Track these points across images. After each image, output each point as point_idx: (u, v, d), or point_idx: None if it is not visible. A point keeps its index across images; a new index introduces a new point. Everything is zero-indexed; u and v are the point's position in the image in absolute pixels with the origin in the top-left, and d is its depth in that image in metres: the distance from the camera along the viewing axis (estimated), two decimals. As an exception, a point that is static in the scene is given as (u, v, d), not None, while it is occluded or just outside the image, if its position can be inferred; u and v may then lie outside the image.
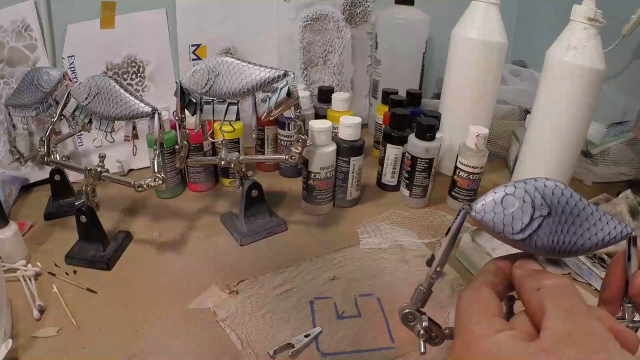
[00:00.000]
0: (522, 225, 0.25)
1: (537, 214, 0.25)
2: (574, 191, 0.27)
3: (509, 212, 0.25)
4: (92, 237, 0.56)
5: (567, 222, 0.26)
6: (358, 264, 0.58)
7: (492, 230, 0.26)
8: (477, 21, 0.71)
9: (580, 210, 0.26)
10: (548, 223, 0.25)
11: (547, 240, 0.25)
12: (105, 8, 0.74)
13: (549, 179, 0.26)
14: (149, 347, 0.45)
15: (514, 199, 0.25)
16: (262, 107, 0.54)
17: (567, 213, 0.26)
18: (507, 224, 0.25)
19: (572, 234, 0.26)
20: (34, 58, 0.70)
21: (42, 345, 0.44)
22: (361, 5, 0.91)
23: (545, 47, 0.65)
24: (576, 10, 0.60)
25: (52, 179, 0.65)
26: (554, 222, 0.25)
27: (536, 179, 0.26)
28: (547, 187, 0.26)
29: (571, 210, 0.26)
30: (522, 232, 0.25)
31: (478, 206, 0.25)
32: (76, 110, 0.55)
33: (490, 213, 0.25)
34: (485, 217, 0.25)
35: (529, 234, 0.25)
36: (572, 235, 0.26)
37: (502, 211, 0.25)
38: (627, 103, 0.88)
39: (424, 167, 0.68)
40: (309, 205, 0.68)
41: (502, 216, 0.25)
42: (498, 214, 0.25)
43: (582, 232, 0.26)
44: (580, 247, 0.26)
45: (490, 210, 0.25)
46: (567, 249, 0.26)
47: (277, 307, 0.50)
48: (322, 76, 0.92)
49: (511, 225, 0.25)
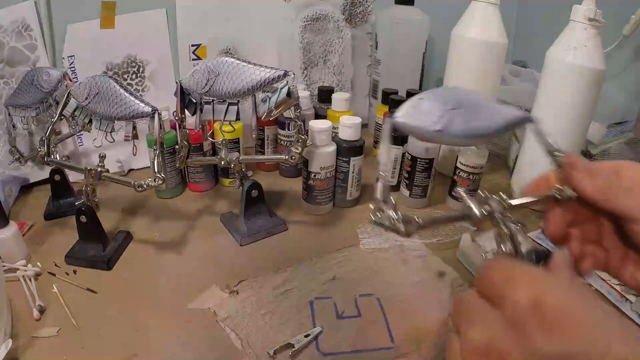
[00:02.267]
0: (437, 118, 0.30)
1: (447, 107, 0.30)
2: (476, 91, 0.32)
3: (424, 111, 0.30)
4: (92, 237, 0.56)
5: (475, 112, 0.30)
6: (358, 264, 0.58)
7: (414, 130, 0.30)
8: (477, 21, 0.71)
9: (483, 102, 0.31)
10: (460, 114, 0.30)
11: (462, 128, 0.30)
12: (105, 8, 0.74)
13: (452, 87, 0.32)
14: (149, 347, 0.45)
15: (425, 101, 0.30)
16: (262, 107, 0.54)
17: (473, 105, 0.31)
18: (424, 121, 0.30)
19: (482, 119, 0.30)
20: (34, 58, 0.70)
21: (42, 345, 0.44)
22: (361, 5, 0.91)
23: (545, 47, 0.65)
24: (576, 10, 0.60)
25: (52, 179, 0.65)
26: (464, 113, 0.30)
27: (443, 88, 0.32)
28: (451, 89, 0.31)
29: (476, 103, 0.31)
30: (438, 123, 0.29)
31: (398, 114, 0.30)
32: (76, 110, 0.55)
33: (408, 116, 0.30)
34: (406, 120, 0.30)
35: (445, 125, 0.29)
36: (482, 120, 0.30)
37: (419, 112, 0.30)
38: (627, 103, 0.88)
39: (424, 167, 0.68)
40: (309, 205, 0.68)
41: (419, 116, 0.30)
42: (415, 115, 0.30)
43: (491, 116, 0.31)
44: (492, 129, 0.30)
45: (408, 114, 0.30)
46: (481, 132, 0.30)
47: (277, 307, 0.50)
48: (322, 76, 0.92)
49: (429, 121, 0.30)
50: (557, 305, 0.21)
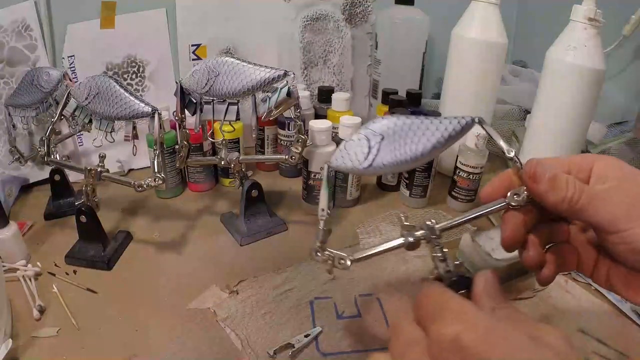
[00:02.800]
0: (364, 154, 0.32)
1: (372, 142, 0.32)
2: (401, 115, 0.32)
3: (352, 153, 0.33)
4: (92, 237, 0.56)
5: (402, 137, 0.31)
6: (358, 264, 0.58)
7: (348, 169, 0.33)
8: (477, 21, 0.71)
9: (419, 124, 0.32)
10: (386, 144, 0.31)
11: (390, 157, 0.31)
12: (105, 8, 0.74)
13: (377, 119, 0.33)
14: (149, 347, 0.45)
15: (352, 142, 0.33)
16: (262, 107, 0.54)
17: (399, 131, 0.31)
18: (354, 160, 0.32)
19: (410, 142, 0.31)
20: (34, 58, 0.70)
21: (42, 345, 0.44)
22: (361, 5, 0.90)
23: (545, 47, 0.65)
24: (576, 10, 0.60)
25: (52, 179, 0.65)
26: (391, 142, 0.31)
27: (367, 125, 0.33)
28: (375, 123, 0.33)
29: (402, 128, 0.32)
30: (366, 159, 0.32)
31: (332, 159, 0.33)
32: (76, 110, 0.55)
33: (340, 159, 0.33)
34: (338, 163, 0.33)
35: (373, 159, 0.31)
36: (408, 145, 0.31)
37: (348, 154, 0.33)
38: (627, 103, 0.88)
39: (424, 167, 0.68)
40: (309, 205, 0.68)
41: (348, 156, 0.33)
42: (345, 156, 0.33)
43: (418, 138, 0.31)
44: (419, 151, 0.31)
45: (340, 157, 0.33)
46: (410, 156, 0.31)
47: (277, 307, 0.50)
48: (322, 76, 0.92)
49: (357, 159, 0.32)
50: (475, 343, 0.21)
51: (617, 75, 0.89)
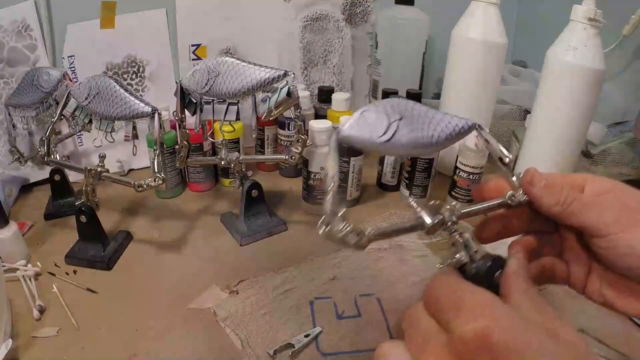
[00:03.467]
0: (384, 129, 0.31)
1: (392, 119, 0.31)
2: (418, 103, 0.32)
3: (370, 123, 0.31)
4: (92, 237, 0.56)
5: (419, 121, 0.32)
6: (358, 264, 0.58)
7: (362, 141, 0.31)
8: (477, 21, 0.70)
9: (427, 112, 0.32)
10: (405, 124, 0.31)
11: (408, 137, 0.31)
12: (105, 8, 0.74)
13: (394, 98, 0.33)
14: (149, 347, 0.45)
15: (371, 113, 0.31)
16: (262, 107, 0.54)
17: (417, 115, 0.32)
18: (372, 132, 0.31)
19: (427, 128, 0.32)
20: (34, 58, 0.70)
21: (42, 345, 0.44)
22: (361, 5, 0.90)
23: (545, 47, 0.64)
24: (576, 10, 0.60)
25: (52, 179, 0.65)
26: (409, 123, 0.31)
27: (386, 100, 0.32)
28: (393, 101, 0.32)
29: (420, 113, 0.32)
30: (385, 134, 0.31)
31: (345, 126, 0.31)
32: (76, 110, 0.55)
33: (356, 128, 0.31)
34: (353, 132, 0.31)
35: (392, 135, 0.31)
36: (427, 129, 0.32)
37: (365, 124, 0.31)
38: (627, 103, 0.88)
39: (424, 167, 0.68)
40: (309, 205, 0.68)
41: (367, 127, 0.31)
42: (362, 126, 0.31)
43: (434, 126, 0.32)
44: (435, 139, 0.32)
45: (356, 126, 0.31)
46: (425, 141, 0.31)
47: (277, 307, 0.50)
48: (322, 76, 0.92)
49: (376, 132, 0.31)
50: (505, 340, 0.21)
51: (617, 75, 0.89)
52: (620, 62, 0.88)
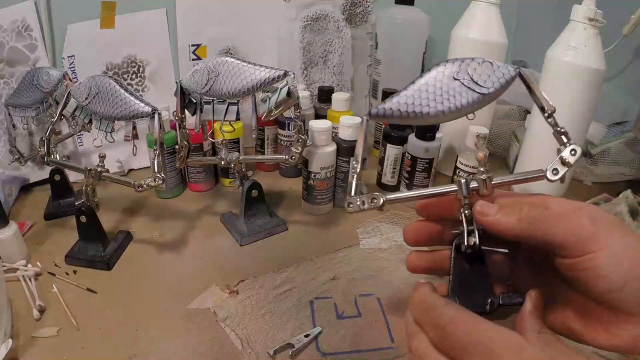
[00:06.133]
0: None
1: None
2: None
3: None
4: (92, 237, 0.56)
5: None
6: (358, 264, 0.58)
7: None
8: (477, 21, 0.71)
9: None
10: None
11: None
12: (105, 8, 0.74)
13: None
14: (149, 347, 0.45)
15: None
16: (262, 107, 0.54)
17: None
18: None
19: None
20: (34, 58, 0.70)
21: (42, 345, 0.44)
22: (361, 5, 0.91)
23: (545, 47, 0.65)
24: (576, 10, 0.60)
25: (52, 179, 0.65)
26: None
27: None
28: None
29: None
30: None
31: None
32: (76, 110, 0.55)
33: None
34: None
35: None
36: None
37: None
38: (627, 103, 0.88)
39: (424, 167, 0.68)
40: (309, 205, 0.68)
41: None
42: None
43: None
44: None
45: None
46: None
47: (277, 307, 0.50)
48: (322, 76, 0.92)
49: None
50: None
51: (617, 75, 0.89)
52: (620, 62, 0.88)
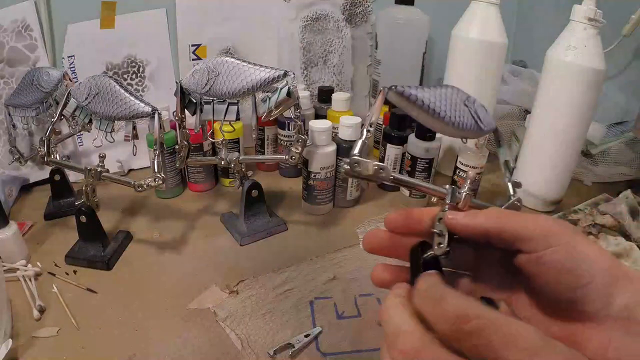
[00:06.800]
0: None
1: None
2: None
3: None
4: (92, 237, 0.56)
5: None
6: (358, 264, 0.58)
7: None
8: (477, 21, 0.71)
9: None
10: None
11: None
12: (105, 8, 0.74)
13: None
14: (149, 347, 0.45)
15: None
16: (262, 107, 0.54)
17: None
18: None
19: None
20: (34, 58, 0.70)
21: (42, 345, 0.44)
22: (361, 5, 0.90)
23: (545, 47, 0.64)
24: (576, 10, 0.60)
25: (52, 179, 0.65)
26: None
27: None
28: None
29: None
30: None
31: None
32: (76, 110, 0.55)
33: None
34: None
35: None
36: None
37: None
38: (627, 103, 0.88)
39: (424, 167, 0.68)
40: (309, 205, 0.68)
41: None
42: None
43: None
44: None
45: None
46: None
47: (277, 307, 0.50)
48: (322, 76, 0.92)
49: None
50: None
51: (617, 75, 0.89)
52: (620, 62, 0.88)
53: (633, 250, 0.57)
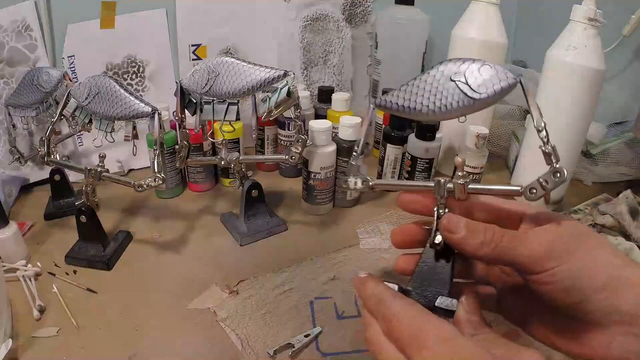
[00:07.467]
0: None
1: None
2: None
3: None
4: (92, 237, 0.56)
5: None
6: (358, 264, 0.58)
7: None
8: (477, 21, 0.71)
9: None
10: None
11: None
12: (105, 8, 0.74)
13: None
14: (149, 347, 0.45)
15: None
16: (262, 107, 0.54)
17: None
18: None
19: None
20: (34, 58, 0.70)
21: (42, 345, 0.44)
22: (361, 5, 0.90)
23: (545, 47, 0.64)
24: (576, 10, 0.60)
25: (52, 179, 0.65)
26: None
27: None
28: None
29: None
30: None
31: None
32: (76, 110, 0.55)
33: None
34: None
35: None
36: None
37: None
38: (627, 103, 0.88)
39: (424, 167, 0.68)
40: (309, 205, 0.68)
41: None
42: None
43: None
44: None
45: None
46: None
47: (277, 307, 0.50)
48: (322, 76, 0.92)
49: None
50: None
51: (617, 75, 0.89)
52: (620, 62, 0.88)
53: (633, 250, 0.57)
